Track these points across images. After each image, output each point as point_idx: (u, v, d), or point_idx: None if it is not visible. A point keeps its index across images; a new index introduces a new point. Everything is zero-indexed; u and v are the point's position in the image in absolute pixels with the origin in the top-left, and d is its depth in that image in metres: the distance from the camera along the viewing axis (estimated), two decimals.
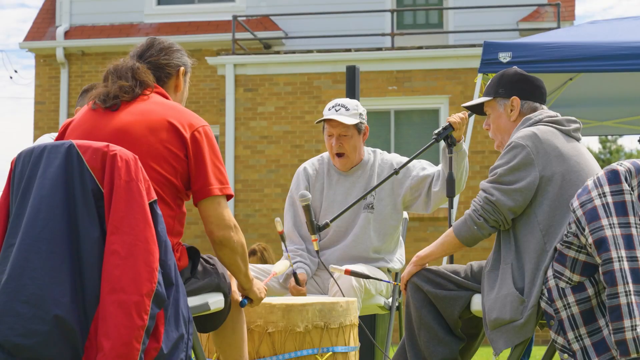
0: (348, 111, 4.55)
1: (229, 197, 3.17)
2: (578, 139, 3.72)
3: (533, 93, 3.81)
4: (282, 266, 4.25)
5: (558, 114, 3.76)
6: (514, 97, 3.81)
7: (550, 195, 3.54)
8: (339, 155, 4.61)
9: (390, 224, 4.61)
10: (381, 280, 4.34)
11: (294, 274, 4.39)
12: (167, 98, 3.23)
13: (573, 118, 3.76)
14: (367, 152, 4.70)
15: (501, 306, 3.50)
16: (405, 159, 4.61)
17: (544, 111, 3.77)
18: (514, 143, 3.61)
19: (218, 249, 3.18)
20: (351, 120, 4.54)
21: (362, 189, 4.59)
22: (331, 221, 4.35)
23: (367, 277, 4.18)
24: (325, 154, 4.75)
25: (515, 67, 4.01)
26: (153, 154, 3.04)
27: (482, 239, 3.68)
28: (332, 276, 4.33)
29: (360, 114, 4.61)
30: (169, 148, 3.06)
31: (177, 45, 3.39)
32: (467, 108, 4.01)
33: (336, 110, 4.56)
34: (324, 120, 4.59)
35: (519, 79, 3.82)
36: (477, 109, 3.97)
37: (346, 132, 4.56)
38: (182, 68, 3.35)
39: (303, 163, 4.80)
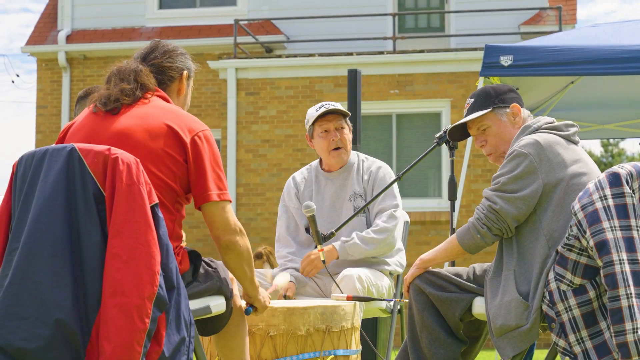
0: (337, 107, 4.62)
1: None
2: (577, 143, 3.73)
3: (520, 100, 3.84)
4: (283, 279, 4.31)
5: (554, 120, 3.76)
6: (514, 104, 3.81)
7: (554, 201, 3.55)
8: (337, 149, 4.61)
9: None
10: (383, 299, 4.36)
11: (284, 296, 4.44)
12: (168, 101, 3.22)
13: (570, 122, 3.76)
14: (352, 154, 4.74)
15: (506, 312, 3.49)
16: (383, 167, 4.69)
17: (541, 117, 3.78)
18: (516, 151, 3.60)
19: (224, 254, 3.17)
20: (345, 112, 4.60)
21: (348, 191, 4.63)
22: (336, 230, 4.37)
23: (369, 299, 4.20)
24: (314, 163, 4.81)
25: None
26: (153, 158, 3.03)
27: (485, 247, 3.68)
28: (332, 278, 4.33)
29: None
30: (169, 152, 3.06)
31: (182, 49, 3.38)
32: (449, 136, 4.02)
33: (326, 107, 4.59)
34: (317, 119, 4.60)
35: (507, 90, 3.85)
36: (454, 135, 3.99)
37: (342, 124, 4.61)
38: (185, 72, 3.35)
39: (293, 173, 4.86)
